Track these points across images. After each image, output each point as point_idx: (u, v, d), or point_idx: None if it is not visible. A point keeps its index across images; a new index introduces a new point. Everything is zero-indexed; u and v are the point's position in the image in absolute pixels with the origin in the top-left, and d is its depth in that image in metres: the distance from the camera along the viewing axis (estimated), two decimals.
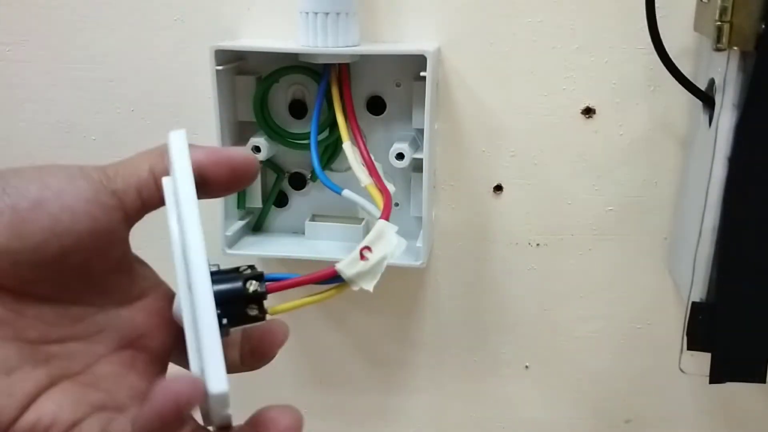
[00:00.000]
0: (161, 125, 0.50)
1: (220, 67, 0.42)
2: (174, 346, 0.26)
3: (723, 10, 0.35)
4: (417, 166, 0.45)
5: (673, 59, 0.40)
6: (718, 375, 0.40)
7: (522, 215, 0.49)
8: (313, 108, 0.44)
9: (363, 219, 0.48)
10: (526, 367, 0.53)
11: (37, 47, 0.49)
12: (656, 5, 0.39)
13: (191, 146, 0.25)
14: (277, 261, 0.49)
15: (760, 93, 0.36)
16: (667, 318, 0.50)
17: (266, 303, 0.25)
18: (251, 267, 0.26)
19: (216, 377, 0.21)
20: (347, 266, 0.27)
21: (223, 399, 0.21)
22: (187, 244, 0.22)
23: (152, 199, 0.24)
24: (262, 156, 0.45)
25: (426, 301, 0.52)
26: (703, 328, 0.40)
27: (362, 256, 0.28)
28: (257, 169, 0.26)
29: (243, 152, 0.26)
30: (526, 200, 0.48)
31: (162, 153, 0.24)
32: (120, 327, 0.25)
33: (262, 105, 0.45)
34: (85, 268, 0.23)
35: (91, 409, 0.23)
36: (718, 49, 0.36)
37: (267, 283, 0.25)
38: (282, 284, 0.26)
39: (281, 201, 0.50)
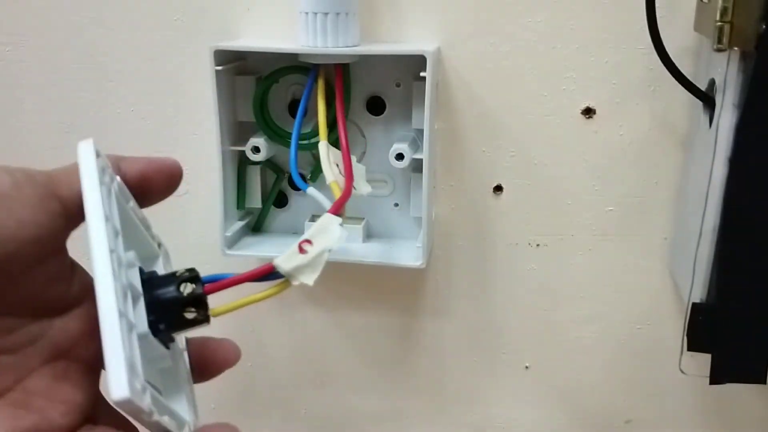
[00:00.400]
0: (161, 125, 0.50)
1: (219, 67, 0.42)
2: None
3: (723, 11, 0.35)
4: (417, 166, 0.45)
5: (673, 59, 0.40)
6: (718, 376, 0.40)
7: (522, 215, 0.49)
8: (313, 108, 0.44)
9: (363, 219, 0.48)
10: (526, 367, 0.53)
11: (37, 47, 0.49)
12: (656, 5, 0.39)
13: (128, 158, 0.25)
14: None
15: (760, 93, 0.36)
16: (667, 318, 0.50)
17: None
18: (189, 270, 0.25)
19: (116, 382, 0.19)
20: (285, 261, 0.27)
21: (127, 405, 0.19)
22: (91, 249, 0.21)
23: None
24: (261, 156, 0.45)
25: (426, 301, 0.52)
26: (704, 329, 0.40)
27: (301, 250, 0.28)
28: (182, 174, 0.27)
29: (172, 159, 0.27)
30: (526, 200, 0.48)
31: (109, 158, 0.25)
32: (53, 337, 0.24)
33: (261, 105, 0.45)
34: (24, 277, 0.22)
35: None
36: (718, 50, 0.36)
37: (205, 284, 0.25)
38: (219, 284, 0.25)
39: (281, 201, 0.50)
